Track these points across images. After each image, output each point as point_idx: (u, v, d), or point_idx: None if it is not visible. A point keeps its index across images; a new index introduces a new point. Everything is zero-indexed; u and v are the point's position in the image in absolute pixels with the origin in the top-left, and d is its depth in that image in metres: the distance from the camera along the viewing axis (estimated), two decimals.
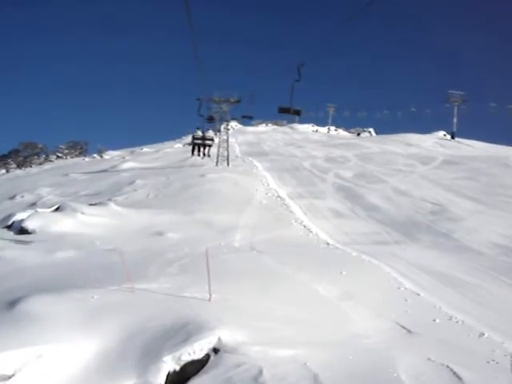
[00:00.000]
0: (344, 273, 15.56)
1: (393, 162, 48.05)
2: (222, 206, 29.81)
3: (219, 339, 9.74)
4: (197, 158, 52.57)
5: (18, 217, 25.28)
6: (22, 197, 43.15)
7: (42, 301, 11.69)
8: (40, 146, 75.21)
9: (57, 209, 27.63)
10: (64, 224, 23.89)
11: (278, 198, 33.13)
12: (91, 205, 28.93)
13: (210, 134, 50.27)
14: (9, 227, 24.83)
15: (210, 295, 11.75)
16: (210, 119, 50.70)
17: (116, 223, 25.01)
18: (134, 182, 40.45)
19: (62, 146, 77.54)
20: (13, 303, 11.67)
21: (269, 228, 24.89)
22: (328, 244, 21.73)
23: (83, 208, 26.81)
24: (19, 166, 69.14)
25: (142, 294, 12.21)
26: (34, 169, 67.17)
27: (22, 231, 23.67)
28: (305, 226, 25.61)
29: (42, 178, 53.48)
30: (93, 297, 11.97)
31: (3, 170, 68.34)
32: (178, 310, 11.03)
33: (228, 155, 51.66)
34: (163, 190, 35.81)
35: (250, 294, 12.57)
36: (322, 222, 26.73)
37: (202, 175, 40.74)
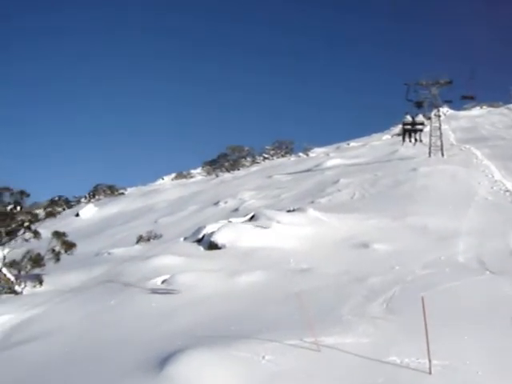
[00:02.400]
0: None
1: None
2: (439, 205, 25.23)
3: None
4: (407, 150, 48.03)
5: (208, 229, 23.11)
6: (226, 202, 42.08)
7: (199, 360, 8.72)
8: (247, 148, 75.24)
9: (252, 217, 25.13)
10: (256, 237, 21.21)
11: (507, 193, 27.60)
12: (289, 211, 26.05)
13: (420, 118, 45.21)
14: (199, 241, 22.78)
15: (430, 363, 7.80)
16: (419, 104, 45.54)
17: (315, 233, 21.75)
18: (337, 180, 37.14)
19: (268, 147, 76.93)
20: (164, 361, 8.90)
21: (500, 233, 19.80)
22: None
23: (279, 216, 23.98)
24: (228, 169, 69.53)
25: (330, 354, 8.63)
26: (241, 172, 66.94)
27: (212, 246, 21.41)
28: None
29: (247, 182, 52.41)
30: (264, 357, 8.70)
31: (213, 175, 69.19)
32: None
33: (442, 144, 46.22)
34: (369, 189, 32.00)
35: (492, 358, 8.34)
36: None
37: (414, 169, 36.19)
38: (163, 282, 16.27)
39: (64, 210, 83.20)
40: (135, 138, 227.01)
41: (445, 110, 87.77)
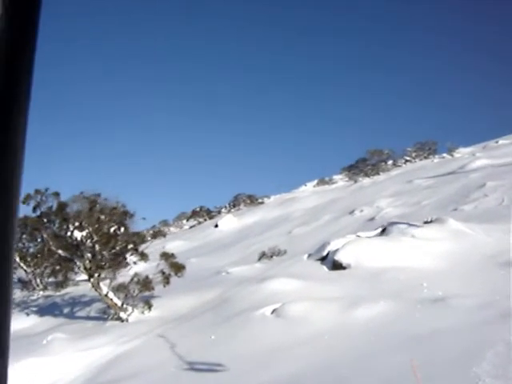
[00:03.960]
0: None
1: None
2: None
3: None
4: None
5: (332, 246, 20.89)
6: (361, 211, 39.55)
7: None
8: (386, 151, 71.46)
9: (383, 231, 22.58)
10: (386, 255, 18.71)
11: None
12: (426, 222, 23.13)
13: None
14: (323, 259, 20.63)
15: None
16: None
17: (455, 248, 18.84)
18: (484, 184, 33.28)
19: (410, 149, 72.76)
20: None
21: None
22: None
23: (414, 229, 21.24)
24: (367, 174, 66.49)
25: None
26: (381, 176, 63.68)
27: (336, 266, 19.19)
28: None
29: (385, 187, 49.34)
30: None
31: (351, 181, 66.57)
32: None
33: None
34: None
35: None
36: None
37: None
38: (273, 311, 14.36)
39: (205, 220, 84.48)
40: (277, 144, 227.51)
41: None
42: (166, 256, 18.37)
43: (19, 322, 20.80)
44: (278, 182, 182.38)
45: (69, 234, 17.46)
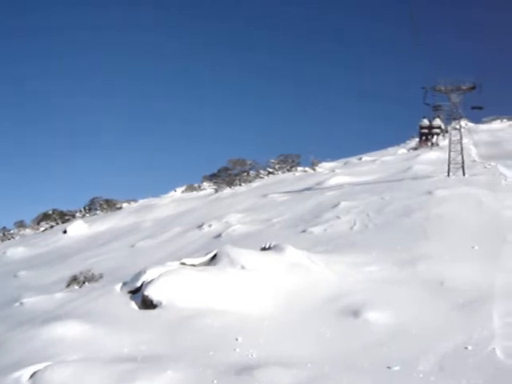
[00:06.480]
0: None
1: None
2: (460, 245, 19.04)
3: None
4: (422, 167, 42.32)
5: (149, 275, 17.09)
6: (210, 226, 36.33)
7: None
8: (249, 162, 69.18)
9: (213, 257, 19.14)
10: (205, 292, 15.29)
11: None
12: (263, 249, 20.00)
13: (438, 122, 40.01)
14: (136, 292, 16.83)
15: None
16: (437, 108, 40.39)
17: (290, 286, 15.75)
18: (338, 204, 31.03)
19: (273, 161, 71.00)
20: None
21: None
22: None
23: (246, 258, 17.90)
24: (228, 184, 63.68)
25: None
26: (243, 187, 61.12)
27: (145, 303, 15.47)
28: None
29: (240, 200, 46.58)
30: None
31: (212, 190, 63.59)
32: None
33: (463, 161, 39.74)
34: (374, 218, 25.86)
35: None
36: None
37: (429, 192, 29.78)
38: (31, 376, 10.37)
39: (57, 224, 77.82)
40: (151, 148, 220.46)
41: (464, 124, 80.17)
42: None
43: None
44: (154, 186, 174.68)
45: None
